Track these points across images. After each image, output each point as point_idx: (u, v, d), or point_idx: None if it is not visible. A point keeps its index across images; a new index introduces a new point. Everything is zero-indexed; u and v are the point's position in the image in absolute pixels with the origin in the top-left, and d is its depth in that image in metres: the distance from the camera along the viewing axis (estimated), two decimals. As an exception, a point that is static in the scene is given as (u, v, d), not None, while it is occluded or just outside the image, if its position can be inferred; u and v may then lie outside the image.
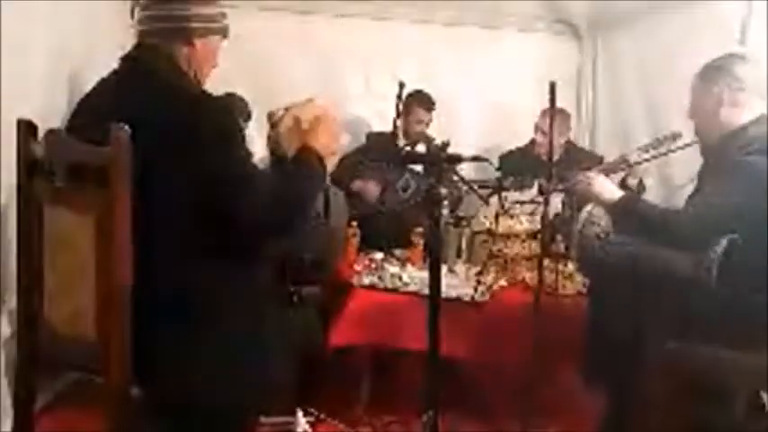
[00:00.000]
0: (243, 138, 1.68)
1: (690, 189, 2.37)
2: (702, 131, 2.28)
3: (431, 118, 3.85)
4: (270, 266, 1.94)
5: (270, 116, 1.80)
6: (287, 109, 1.79)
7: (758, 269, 1.94)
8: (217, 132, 1.62)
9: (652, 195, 3.16)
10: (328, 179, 1.91)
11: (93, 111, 1.73)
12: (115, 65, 1.79)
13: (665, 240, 2.13)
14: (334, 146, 1.81)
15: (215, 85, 1.87)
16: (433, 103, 3.84)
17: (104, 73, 1.82)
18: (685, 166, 2.72)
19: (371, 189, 3.72)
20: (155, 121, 1.56)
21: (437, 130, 3.78)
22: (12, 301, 2.10)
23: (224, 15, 1.86)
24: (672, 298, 2.08)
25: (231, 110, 1.72)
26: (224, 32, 1.86)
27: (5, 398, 2.15)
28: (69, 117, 1.82)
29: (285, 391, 2.08)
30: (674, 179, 3.34)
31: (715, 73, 2.21)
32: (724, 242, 1.99)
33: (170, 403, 1.59)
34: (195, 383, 1.59)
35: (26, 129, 1.64)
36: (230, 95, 3.49)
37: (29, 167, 1.65)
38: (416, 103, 3.81)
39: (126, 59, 1.78)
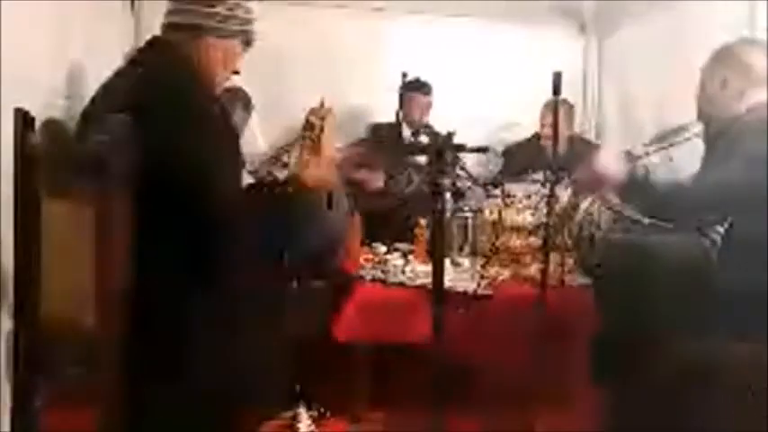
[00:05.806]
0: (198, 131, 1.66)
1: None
2: (705, 115, 2.25)
3: (429, 102, 3.87)
4: (270, 260, 1.93)
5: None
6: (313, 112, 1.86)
7: (759, 250, 1.91)
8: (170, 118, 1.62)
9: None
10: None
11: (104, 100, 1.76)
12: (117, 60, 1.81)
13: (673, 216, 2.10)
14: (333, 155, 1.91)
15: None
16: (430, 89, 3.87)
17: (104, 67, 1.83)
18: (690, 159, 2.68)
19: (376, 178, 3.70)
20: (148, 111, 1.57)
21: (440, 123, 3.76)
22: (11, 296, 2.08)
23: (247, 21, 1.83)
24: (674, 287, 2.05)
25: (188, 102, 1.69)
26: (243, 37, 1.84)
27: (6, 393, 2.13)
28: (86, 106, 1.83)
29: (283, 386, 2.08)
30: (678, 173, 3.30)
31: (723, 56, 2.18)
32: (724, 225, 1.97)
33: (167, 395, 1.58)
34: (189, 377, 1.58)
35: (23, 119, 1.61)
36: (234, 90, 3.46)
37: (26, 159, 1.62)
38: (414, 89, 3.83)
39: (138, 51, 1.84)
